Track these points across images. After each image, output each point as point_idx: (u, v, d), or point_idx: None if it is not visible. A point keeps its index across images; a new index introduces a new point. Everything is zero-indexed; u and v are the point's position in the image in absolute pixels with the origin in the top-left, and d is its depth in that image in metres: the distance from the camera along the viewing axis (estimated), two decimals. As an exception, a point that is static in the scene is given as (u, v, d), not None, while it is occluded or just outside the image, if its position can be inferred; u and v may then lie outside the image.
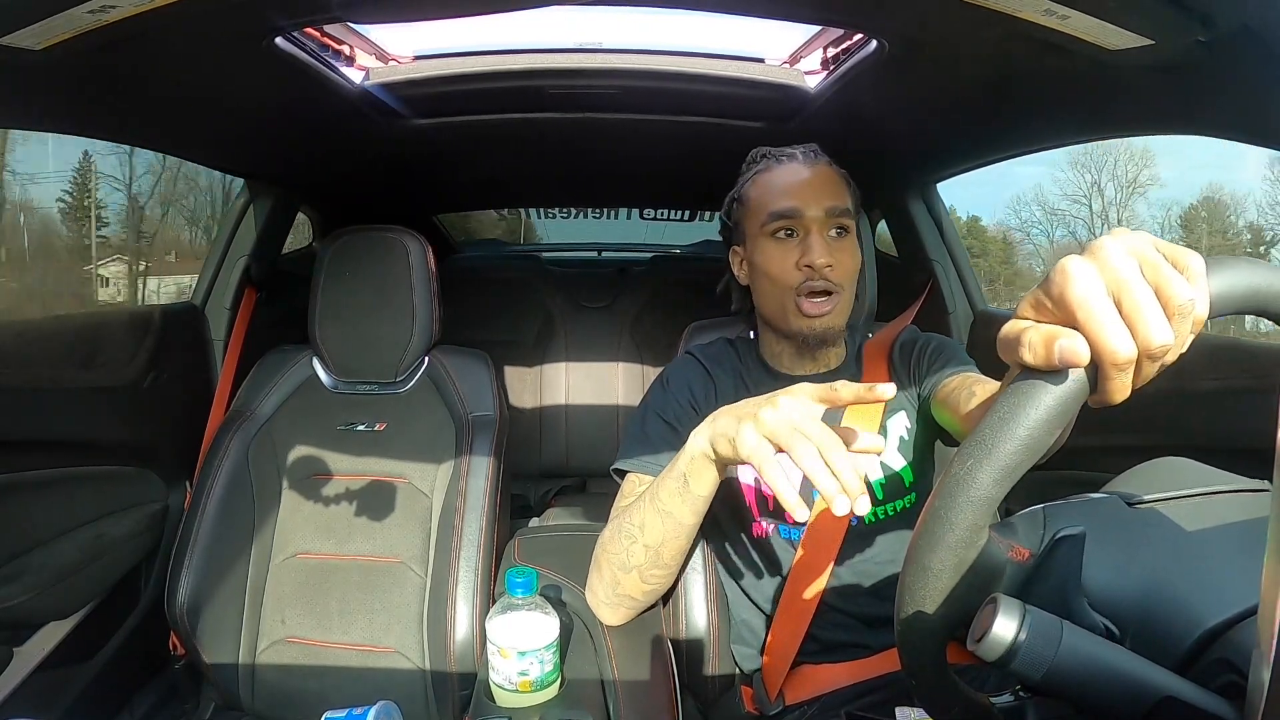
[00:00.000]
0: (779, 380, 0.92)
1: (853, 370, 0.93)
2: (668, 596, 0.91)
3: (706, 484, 0.72)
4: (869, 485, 0.85)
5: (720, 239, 0.99)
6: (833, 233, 0.86)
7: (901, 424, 0.88)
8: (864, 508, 0.56)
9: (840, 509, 0.55)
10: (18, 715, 0.99)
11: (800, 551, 0.84)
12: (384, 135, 1.27)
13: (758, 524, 0.87)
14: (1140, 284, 0.32)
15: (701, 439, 0.70)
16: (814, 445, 0.58)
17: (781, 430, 0.60)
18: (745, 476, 0.87)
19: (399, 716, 0.96)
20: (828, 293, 0.84)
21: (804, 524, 0.85)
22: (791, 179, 0.87)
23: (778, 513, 0.86)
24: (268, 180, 1.42)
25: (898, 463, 0.87)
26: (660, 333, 2.02)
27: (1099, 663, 0.37)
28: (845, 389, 0.61)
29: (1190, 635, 0.38)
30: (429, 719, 1.07)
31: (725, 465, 0.70)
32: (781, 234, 0.86)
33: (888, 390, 0.60)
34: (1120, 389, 0.33)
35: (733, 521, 0.89)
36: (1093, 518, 0.43)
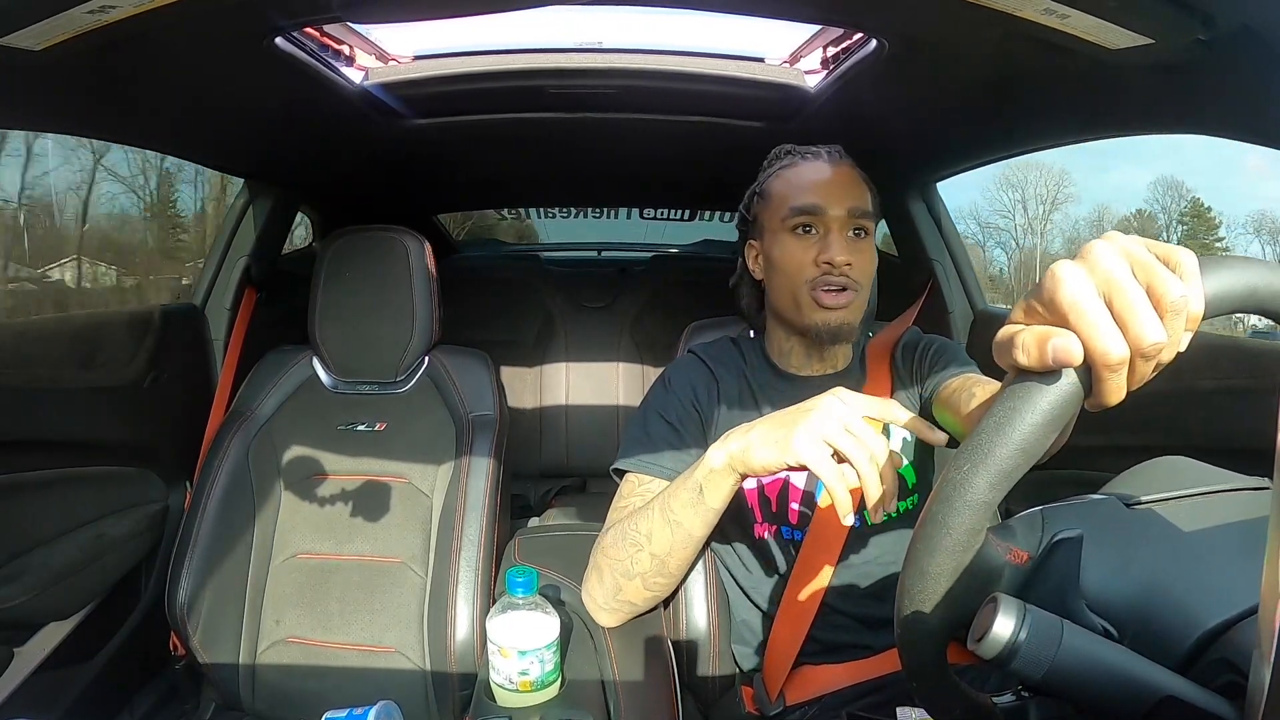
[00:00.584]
0: (785, 380, 0.92)
1: (858, 371, 0.93)
2: (668, 598, 0.91)
3: (721, 496, 0.72)
4: None
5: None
6: (852, 233, 0.86)
7: None
8: (892, 506, 0.60)
9: (879, 515, 0.59)
10: (18, 715, 0.99)
11: (801, 553, 0.84)
12: (384, 135, 1.27)
13: (759, 526, 0.87)
14: (1131, 283, 0.32)
15: (722, 455, 0.69)
16: (869, 450, 0.59)
17: (837, 434, 0.61)
18: (746, 481, 0.87)
19: (399, 716, 0.96)
20: (844, 289, 0.84)
21: (805, 526, 0.85)
22: (816, 176, 0.87)
23: (780, 515, 0.86)
24: (268, 180, 1.42)
25: (899, 464, 0.87)
26: (660, 333, 2.02)
27: (1099, 662, 0.37)
28: (903, 414, 0.62)
29: (1190, 636, 0.38)
30: (429, 719, 1.07)
31: (746, 477, 0.70)
32: (801, 230, 0.86)
33: (940, 438, 0.62)
34: (1115, 390, 0.33)
35: (734, 523, 0.88)
36: (1091, 519, 0.43)
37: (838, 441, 0.61)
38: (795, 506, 0.86)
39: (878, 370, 0.91)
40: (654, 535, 0.75)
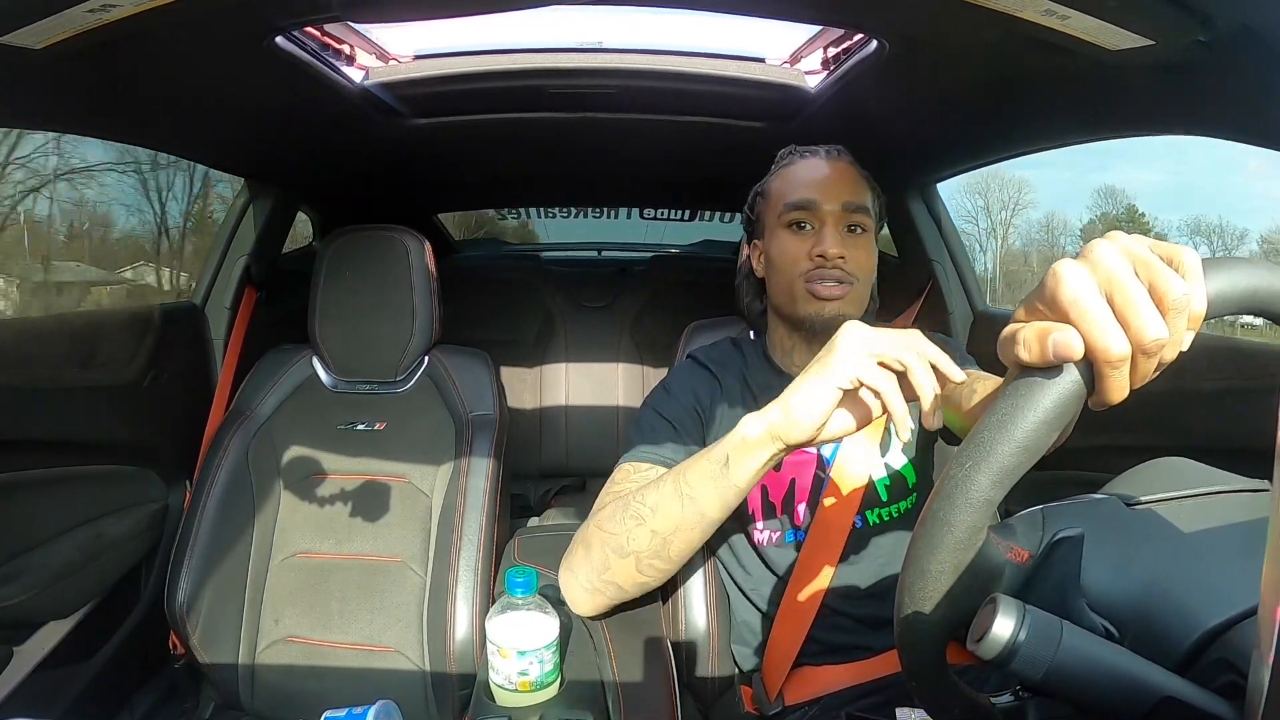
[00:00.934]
0: (786, 380, 0.91)
1: None
2: (667, 596, 0.90)
3: (750, 473, 0.65)
4: (874, 487, 0.85)
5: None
6: (847, 229, 0.86)
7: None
8: (940, 420, 0.56)
9: (936, 422, 0.56)
10: (18, 715, 0.99)
11: (802, 554, 0.84)
12: (384, 135, 1.27)
13: (760, 527, 0.87)
14: (1132, 281, 0.32)
15: (760, 424, 0.64)
16: (915, 349, 0.56)
17: (876, 344, 0.57)
18: None
19: (399, 716, 0.96)
20: (839, 282, 0.84)
21: (806, 526, 0.85)
22: (811, 174, 0.88)
23: (786, 518, 0.86)
24: (268, 180, 1.42)
25: (900, 462, 0.87)
26: (660, 333, 2.02)
27: (1099, 662, 0.37)
28: (931, 348, 0.58)
29: (1189, 636, 0.38)
30: (429, 718, 1.07)
31: (788, 450, 0.64)
32: (796, 226, 0.87)
33: (959, 376, 0.57)
34: (1117, 388, 0.33)
35: (734, 524, 0.88)
36: (1091, 519, 0.43)
37: (881, 350, 0.57)
38: (804, 492, 0.85)
39: None
40: (660, 508, 0.70)
